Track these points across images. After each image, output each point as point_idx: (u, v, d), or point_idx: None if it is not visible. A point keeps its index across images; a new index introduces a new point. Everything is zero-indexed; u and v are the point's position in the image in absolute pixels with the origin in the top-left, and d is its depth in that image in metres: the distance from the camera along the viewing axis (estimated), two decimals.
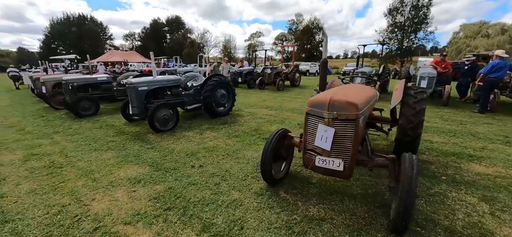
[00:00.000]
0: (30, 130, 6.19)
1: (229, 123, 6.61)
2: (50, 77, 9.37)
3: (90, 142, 5.14)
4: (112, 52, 39.22)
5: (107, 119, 7.22)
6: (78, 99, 7.32)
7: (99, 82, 8.29)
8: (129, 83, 5.79)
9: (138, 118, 6.75)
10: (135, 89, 5.73)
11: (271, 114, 7.83)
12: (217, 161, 4.10)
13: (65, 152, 4.57)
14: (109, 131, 5.94)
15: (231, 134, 5.64)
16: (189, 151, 4.52)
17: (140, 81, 5.87)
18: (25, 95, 14.20)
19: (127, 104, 6.64)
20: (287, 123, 6.67)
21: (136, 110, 5.85)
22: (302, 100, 10.39)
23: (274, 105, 9.27)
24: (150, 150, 4.58)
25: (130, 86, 5.77)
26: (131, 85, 5.75)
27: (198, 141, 5.13)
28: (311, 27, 43.39)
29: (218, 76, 7.33)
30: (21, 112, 8.91)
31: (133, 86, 5.73)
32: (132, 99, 5.83)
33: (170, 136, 5.47)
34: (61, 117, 7.71)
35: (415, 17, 29.51)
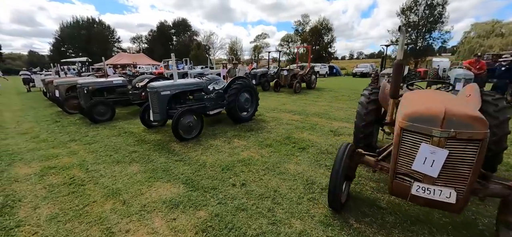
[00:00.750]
0: (45, 138, 5.73)
1: (256, 130, 6.07)
2: (63, 81, 8.97)
3: (110, 152, 4.64)
4: (120, 54, 39.12)
5: (124, 125, 6.74)
6: (93, 104, 6.87)
7: (114, 86, 7.83)
8: (151, 87, 5.29)
9: (158, 124, 6.29)
10: (157, 93, 5.23)
11: (297, 119, 7.26)
12: (259, 177, 3.55)
13: (85, 164, 4.07)
14: (129, 139, 5.44)
15: (262, 143, 5.08)
16: (223, 164, 3.98)
17: (162, 85, 5.37)
18: (37, 98, 13.90)
19: (146, 109, 6.16)
20: (318, 130, 6.10)
21: (158, 116, 5.35)
22: (325, 104, 9.80)
23: (296, 109, 8.70)
24: (179, 163, 4.05)
25: (151, 90, 5.27)
26: (153, 89, 5.25)
27: (229, 152, 4.59)
28: (319, 27, 42.60)
29: (242, 79, 6.80)
30: (34, 116, 8.51)
31: (155, 91, 5.23)
32: (154, 104, 5.33)
33: (197, 145, 4.94)
34: (76, 123, 7.27)
35: (430, 16, 28.52)
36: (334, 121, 6.99)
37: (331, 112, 8.13)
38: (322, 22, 42.50)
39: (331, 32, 42.87)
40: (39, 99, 13.22)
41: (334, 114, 7.83)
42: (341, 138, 5.47)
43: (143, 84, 8.44)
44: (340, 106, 9.26)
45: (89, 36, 58.30)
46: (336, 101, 10.28)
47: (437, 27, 28.96)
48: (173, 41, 71.39)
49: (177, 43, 70.87)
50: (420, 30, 29.50)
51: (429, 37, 29.22)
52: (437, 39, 29.28)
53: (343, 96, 11.70)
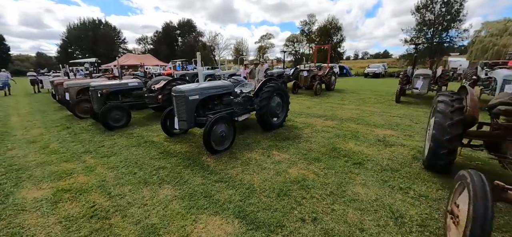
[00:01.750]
0: (56, 148, 5.01)
1: (292, 139, 5.29)
2: (74, 83, 8.27)
3: (133, 168, 3.89)
4: (127, 55, 38.58)
5: (142, 133, 6.00)
6: (108, 108, 6.14)
7: (130, 89, 7.11)
8: (177, 91, 4.53)
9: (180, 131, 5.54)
10: (185, 98, 4.47)
11: (332, 126, 6.45)
12: (328, 207, 2.77)
13: (106, 186, 3.32)
14: (151, 151, 4.69)
15: (308, 157, 4.30)
16: (276, 187, 3.21)
17: (190, 89, 4.61)
18: (45, 100, 13.29)
19: (168, 116, 5.42)
20: (363, 139, 5.29)
21: (185, 124, 4.59)
22: (354, 107, 8.98)
23: (325, 114, 7.90)
24: (221, 186, 3.28)
25: (178, 95, 4.51)
26: (180, 94, 4.49)
27: (273, 169, 3.81)
28: (328, 27, 41.56)
29: (273, 81, 6.02)
30: (42, 121, 7.83)
31: (183, 95, 4.47)
32: (180, 110, 4.57)
33: (232, 159, 4.18)
34: (88, 129, 6.55)
35: (447, 14, 27.36)
36: (375, 128, 6.18)
37: (366, 117, 7.31)
38: (331, 21, 41.48)
39: (340, 32, 41.87)
40: (47, 102, 12.59)
41: (371, 119, 7.01)
42: (395, 149, 4.66)
43: (160, 87, 7.72)
44: (372, 109, 8.42)
45: (95, 37, 58.10)
46: (365, 104, 9.45)
47: (454, 25, 27.77)
48: (179, 42, 71.00)
49: (182, 44, 70.46)
50: (436, 28, 28.33)
51: (446, 36, 28.06)
52: (454, 38, 28.15)
53: (370, 98, 10.84)
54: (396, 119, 7.04)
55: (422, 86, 8.68)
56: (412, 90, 9.09)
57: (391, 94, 12.09)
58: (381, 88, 15.22)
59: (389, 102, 9.86)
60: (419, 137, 5.41)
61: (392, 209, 2.77)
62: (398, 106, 8.89)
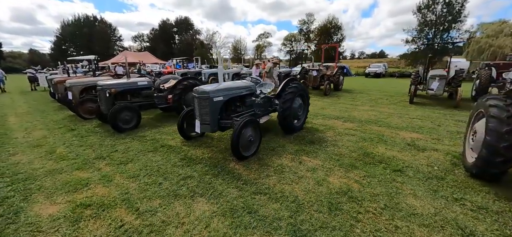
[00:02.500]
0: (64, 154, 4.56)
1: (318, 143, 4.97)
2: (77, 81, 7.76)
3: (156, 177, 3.50)
4: (125, 52, 37.69)
5: (155, 136, 5.59)
6: (118, 109, 5.69)
7: (140, 88, 6.66)
8: (200, 92, 4.14)
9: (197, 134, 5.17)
10: (209, 100, 4.08)
11: (353, 128, 6.16)
12: (390, 223, 2.46)
13: (132, 199, 2.93)
14: (171, 157, 4.29)
15: (342, 163, 3.99)
16: (323, 200, 2.87)
17: (215, 89, 4.21)
18: (42, 99, 12.65)
19: (185, 118, 5.03)
20: (392, 143, 5.01)
21: (209, 128, 4.20)
22: (369, 108, 8.71)
23: (341, 115, 7.60)
24: (262, 198, 2.92)
25: (201, 96, 4.12)
26: (203, 95, 4.10)
27: (312, 177, 3.48)
28: (328, 26, 41.34)
29: (296, 82, 5.67)
30: (43, 122, 7.31)
31: (206, 96, 4.08)
32: (203, 112, 4.18)
33: (263, 166, 3.82)
34: (95, 131, 6.10)
35: (448, 15, 27.37)
36: (398, 130, 5.90)
37: (385, 119, 7.03)
38: (331, 20, 41.29)
39: (340, 31, 41.72)
40: (45, 100, 11.97)
41: (391, 121, 6.74)
42: (429, 155, 4.39)
43: (170, 86, 7.29)
44: (388, 111, 8.16)
45: (90, 34, 56.69)
46: (378, 105, 9.19)
47: (456, 26, 27.80)
48: (176, 40, 69.99)
49: (179, 41, 69.49)
50: (438, 29, 28.32)
51: (447, 36, 28.09)
52: (455, 38, 28.16)
53: (381, 99, 10.60)
54: (417, 121, 6.78)
55: (437, 87, 8.46)
56: (427, 91, 8.87)
57: (401, 94, 11.91)
58: (387, 88, 15.05)
59: (402, 103, 9.63)
60: (448, 141, 5.15)
61: (458, 225, 2.48)
62: (413, 107, 8.65)
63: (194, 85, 7.21)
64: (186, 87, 6.91)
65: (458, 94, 8.21)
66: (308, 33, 51.47)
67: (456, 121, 6.77)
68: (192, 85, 7.08)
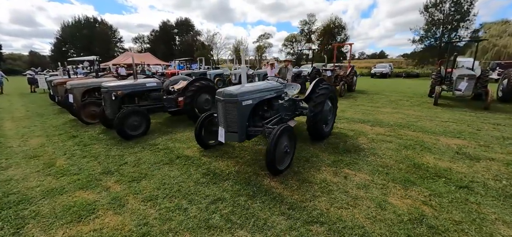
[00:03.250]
0: (65, 167, 3.89)
1: (353, 151, 4.35)
2: (79, 83, 7.08)
3: (179, 199, 2.83)
4: (126, 54, 36.96)
5: (167, 143, 4.92)
6: (125, 114, 5.02)
7: (148, 89, 5.98)
8: (226, 94, 3.47)
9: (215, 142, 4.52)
10: (237, 104, 3.42)
11: (386, 133, 5.51)
12: None
13: (153, 234, 2.26)
14: (190, 170, 3.63)
15: (393, 177, 3.35)
16: (398, 232, 2.22)
17: (243, 91, 3.55)
18: (42, 101, 11.96)
19: (203, 124, 4.36)
20: (437, 152, 4.37)
21: (237, 136, 3.53)
22: (391, 111, 8.07)
23: (366, 118, 6.95)
24: (321, 230, 2.26)
25: (228, 100, 3.46)
26: (230, 98, 3.44)
27: (367, 197, 2.83)
28: (332, 27, 40.67)
29: (326, 83, 5.02)
30: (42, 128, 6.63)
31: (234, 100, 3.41)
32: (231, 119, 3.51)
33: (304, 183, 3.17)
34: (99, 138, 5.42)
35: (456, 14, 26.69)
36: (438, 136, 5.26)
37: (415, 122, 6.38)
38: (334, 20, 40.63)
39: (344, 31, 41.07)
40: (44, 103, 11.27)
41: (423, 125, 6.09)
42: (488, 165, 3.78)
43: (181, 88, 6.63)
44: (414, 113, 7.52)
45: (91, 36, 55.93)
46: (401, 107, 8.54)
47: (464, 25, 27.14)
48: (176, 41, 69.37)
49: (179, 43, 68.89)
50: (445, 28, 27.64)
51: (455, 36, 27.43)
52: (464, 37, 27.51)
53: (400, 100, 9.96)
54: (451, 125, 6.14)
55: (466, 87, 7.82)
56: (454, 92, 8.24)
57: (419, 95, 11.29)
58: (401, 89, 14.45)
59: (424, 104, 9.00)
60: (499, 148, 4.52)
61: None
62: (439, 109, 8.01)
63: (208, 87, 6.57)
64: (198, 89, 6.25)
65: (489, 95, 7.58)
66: (310, 34, 50.91)
67: (495, 124, 6.13)
68: (205, 87, 6.44)
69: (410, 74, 24.51)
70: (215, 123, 4.51)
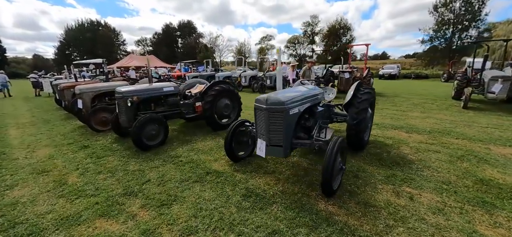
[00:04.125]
0: (79, 186, 3.35)
1: (402, 163, 3.83)
2: (89, 87, 6.57)
3: (225, 231, 2.29)
4: (130, 56, 36.55)
5: (190, 155, 4.38)
6: (143, 122, 4.48)
7: (165, 94, 5.45)
8: (270, 102, 2.92)
9: (244, 154, 3.98)
10: (284, 112, 2.87)
11: (428, 141, 4.97)
12: None
13: None
14: (226, 190, 3.09)
15: (469, 198, 2.83)
16: None
17: (290, 98, 3.01)
18: (47, 106, 11.47)
19: (234, 136, 3.83)
20: (494, 162, 3.84)
21: (282, 151, 2.98)
22: (422, 115, 7.52)
23: (398, 124, 6.39)
24: None
25: (272, 107, 2.90)
26: (276, 106, 2.88)
27: (452, 226, 2.32)
28: (337, 28, 40.06)
29: (367, 87, 4.49)
30: (49, 136, 6.11)
31: (282, 108, 2.87)
32: (275, 130, 2.96)
33: (366, 207, 2.63)
34: (113, 148, 4.89)
35: (467, 13, 26.07)
36: (487, 144, 4.70)
37: (453, 129, 5.81)
38: (340, 21, 40.00)
39: (350, 32, 40.43)
40: (50, 108, 10.78)
41: (466, 132, 5.52)
42: None
43: (199, 92, 6.11)
44: (448, 118, 6.95)
45: (94, 39, 55.70)
46: (429, 111, 7.98)
47: (476, 25, 26.48)
48: (179, 43, 69.09)
49: (182, 45, 68.59)
50: (456, 27, 26.97)
51: (466, 36, 26.82)
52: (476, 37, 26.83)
53: (425, 103, 9.39)
54: (494, 131, 5.58)
55: (501, 90, 7.27)
56: (486, 95, 7.68)
57: (441, 97, 10.73)
58: (417, 91, 13.85)
59: (452, 107, 8.44)
60: None
61: None
62: (471, 113, 7.45)
63: (228, 91, 6.04)
64: (218, 93, 5.72)
65: None
66: (313, 35, 50.42)
67: None
68: (225, 91, 5.91)
69: (419, 75, 23.91)
70: (246, 132, 3.99)
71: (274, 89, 14.22)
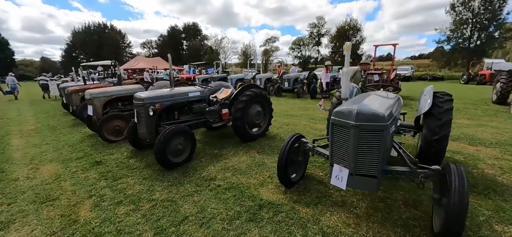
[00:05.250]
0: (94, 224, 2.51)
1: (498, 192, 2.90)
2: (100, 92, 5.76)
3: None
4: (137, 58, 35.95)
5: (227, 176, 3.53)
6: (169, 135, 3.63)
7: (191, 100, 4.60)
8: (365, 116, 2.03)
9: (296, 177, 3.12)
10: (386, 131, 2.01)
11: (504, 156, 4.07)
12: None
13: None
14: (296, 235, 2.23)
15: None
16: None
17: (388, 110, 2.15)
18: (54, 110, 10.71)
19: (292, 157, 2.97)
20: None
21: (374, 184, 2.12)
22: (470, 122, 6.61)
23: (453, 133, 5.49)
24: None
25: (370, 126, 2.02)
26: (376, 123, 2.01)
27: None
28: (347, 29, 39.03)
29: (446, 93, 3.60)
30: (55, 147, 5.30)
31: (382, 125, 2.01)
32: (366, 154, 2.10)
33: None
34: (130, 166, 4.05)
35: (487, 12, 24.89)
36: None
37: None
38: (349, 22, 38.93)
39: (359, 33, 39.36)
40: (57, 113, 10.01)
41: None
42: None
43: (225, 97, 5.28)
44: (506, 127, 6.04)
45: (100, 41, 55.46)
46: (477, 118, 7.06)
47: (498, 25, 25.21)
48: (184, 45, 68.66)
49: (187, 47, 68.15)
50: (475, 27, 25.73)
51: (485, 36, 25.60)
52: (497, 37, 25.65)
53: (466, 109, 8.47)
54: None
55: None
56: None
57: (478, 101, 9.79)
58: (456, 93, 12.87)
59: (500, 113, 7.52)
60: None
61: None
62: None
63: (260, 96, 5.16)
64: (251, 98, 4.88)
65: None
66: (319, 37, 49.54)
67: None
68: (257, 96, 5.07)
69: (435, 77, 22.85)
70: (300, 150, 3.15)
71: (291, 93, 13.43)
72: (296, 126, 6.52)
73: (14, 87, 15.75)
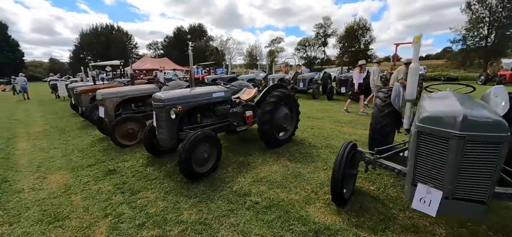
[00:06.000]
0: None
1: None
2: (112, 92, 5.30)
3: None
4: (144, 59, 35.81)
5: (263, 190, 3.01)
6: (195, 142, 3.13)
7: (215, 101, 4.10)
8: (477, 123, 1.52)
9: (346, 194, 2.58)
10: (504, 144, 1.47)
11: None
12: None
13: None
14: None
15: None
16: None
17: (499, 114, 1.62)
18: (62, 111, 10.35)
19: (346, 173, 2.44)
20: None
21: (482, 209, 1.58)
22: None
23: None
24: None
25: (483, 137, 1.49)
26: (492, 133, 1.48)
27: None
28: (356, 28, 38.19)
29: None
30: (64, 152, 4.86)
31: (503, 136, 1.46)
32: (471, 171, 1.56)
33: None
34: (148, 176, 3.56)
35: (505, 11, 23.81)
36: None
37: None
38: (359, 22, 38.09)
39: (369, 33, 38.43)
40: (65, 114, 9.64)
41: None
42: None
43: (249, 98, 4.77)
44: None
45: (108, 42, 55.81)
46: None
47: None
48: (189, 46, 68.60)
49: (193, 48, 68.13)
50: (493, 26, 24.74)
51: (504, 34, 24.52)
52: None
53: None
54: None
55: None
56: None
57: None
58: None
59: None
60: None
61: None
62: None
63: (289, 97, 4.61)
64: (279, 100, 4.35)
65: None
66: (325, 37, 48.81)
67: None
68: (286, 97, 4.54)
69: (450, 78, 22.00)
70: (354, 163, 2.62)
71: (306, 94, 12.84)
72: (322, 129, 5.97)
73: (24, 88, 15.87)
